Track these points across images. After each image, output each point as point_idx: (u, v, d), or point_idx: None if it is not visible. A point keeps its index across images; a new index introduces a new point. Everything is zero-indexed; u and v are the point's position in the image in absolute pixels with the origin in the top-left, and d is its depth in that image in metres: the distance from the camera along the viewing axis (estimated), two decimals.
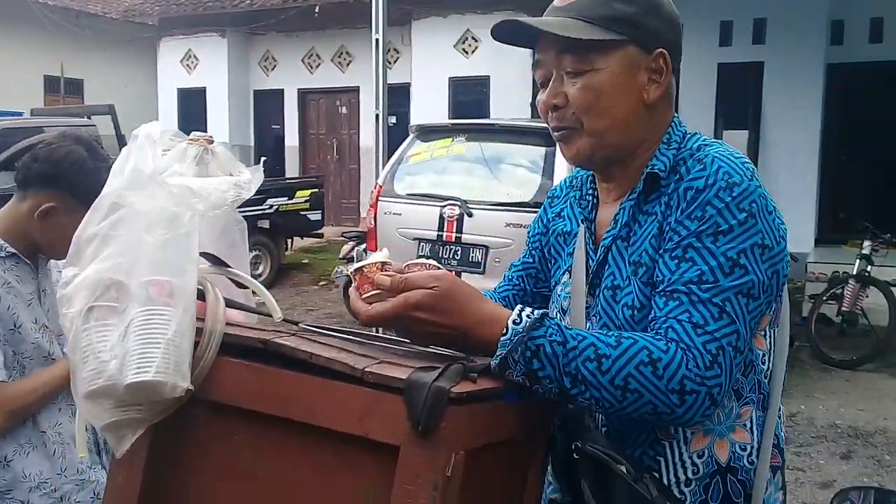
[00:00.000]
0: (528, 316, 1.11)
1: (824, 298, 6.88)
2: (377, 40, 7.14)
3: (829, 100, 9.84)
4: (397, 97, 11.41)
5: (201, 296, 1.07)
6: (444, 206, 5.41)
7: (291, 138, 14.97)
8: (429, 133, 5.97)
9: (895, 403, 5.61)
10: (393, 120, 10.43)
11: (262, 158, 1.46)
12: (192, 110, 15.53)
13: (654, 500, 1.12)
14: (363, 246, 6.78)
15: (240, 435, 1.07)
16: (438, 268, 1.16)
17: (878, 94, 9.91)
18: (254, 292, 1.26)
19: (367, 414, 0.97)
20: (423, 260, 1.17)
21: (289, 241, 10.12)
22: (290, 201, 9.43)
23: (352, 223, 13.74)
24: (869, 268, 6.78)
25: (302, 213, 9.79)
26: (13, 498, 1.75)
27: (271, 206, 9.13)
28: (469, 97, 12.56)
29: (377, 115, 7.12)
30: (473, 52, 12.58)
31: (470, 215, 5.31)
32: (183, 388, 0.98)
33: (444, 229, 5.40)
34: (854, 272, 6.80)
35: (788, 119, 9.73)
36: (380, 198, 5.81)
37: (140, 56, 16.65)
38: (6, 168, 7.69)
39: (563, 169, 5.18)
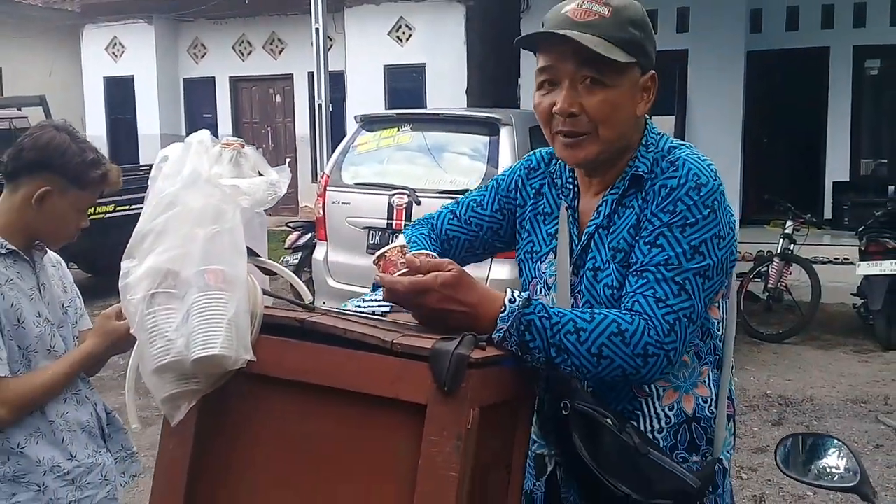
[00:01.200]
0: (519, 297, 1.30)
1: (751, 276, 7.29)
2: (317, 30, 7.19)
3: (750, 85, 10.34)
4: (332, 85, 11.41)
5: None
6: (393, 194, 5.53)
7: (225, 127, 14.78)
8: (374, 123, 6.08)
9: (820, 373, 6.00)
10: (329, 108, 10.48)
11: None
12: (121, 99, 15.18)
13: (636, 445, 1.34)
14: (310, 235, 6.85)
15: (279, 403, 1.21)
16: (436, 258, 1.32)
17: (795, 79, 10.49)
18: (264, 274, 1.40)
19: (398, 378, 1.13)
20: (425, 251, 1.34)
21: None
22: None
23: (290, 212, 13.70)
24: (792, 246, 7.21)
25: None
26: (29, 482, 1.83)
27: None
28: (404, 85, 12.67)
29: (319, 105, 7.19)
30: (408, 39, 12.69)
31: (418, 203, 5.45)
32: (245, 360, 1.12)
33: (394, 217, 5.52)
34: (778, 251, 7.22)
35: (712, 104, 10.19)
36: (327, 187, 5.90)
37: (63, 44, 16.09)
38: None
39: (506, 156, 5.38)
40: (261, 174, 1.26)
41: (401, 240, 1.31)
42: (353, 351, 1.16)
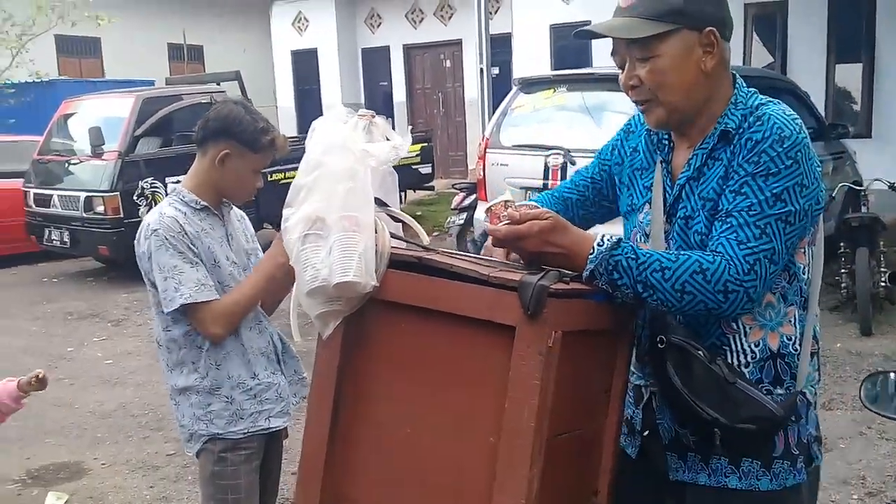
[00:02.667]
0: (608, 240, 1.50)
1: None
2: None
3: None
4: (499, 47, 11.61)
5: None
6: (549, 155, 5.74)
7: (399, 94, 15.47)
8: (531, 85, 6.28)
9: None
10: (496, 71, 10.68)
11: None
12: (305, 71, 16.24)
13: (725, 375, 1.52)
14: (474, 196, 7.20)
15: (401, 324, 1.52)
16: (539, 208, 1.55)
17: None
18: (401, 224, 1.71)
19: (494, 305, 1.40)
20: (528, 202, 1.57)
21: (402, 194, 10.68)
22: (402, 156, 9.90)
23: (460, 175, 14.18)
24: None
25: (413, 167, 10.32)
26: (220, 393, 2.29)
27: None
28: (570, 43, 12.61)
29: (481, 70, 7.45)
30: None
31: (573, 163, 5.62)
32: (372, 285, 1.44)
33: (549, 177, 5.73)
34: None
35: None
36: (487, 149, 6.20)
37: (254, 21, 17.45)
38: (153, 134, 8.55)
39: None
40: (388, 139, 1.56)
41: (506, 195, 1.55)
42: (458, 282, 1.43)
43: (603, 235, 1.51)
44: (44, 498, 3.92)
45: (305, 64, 16.22)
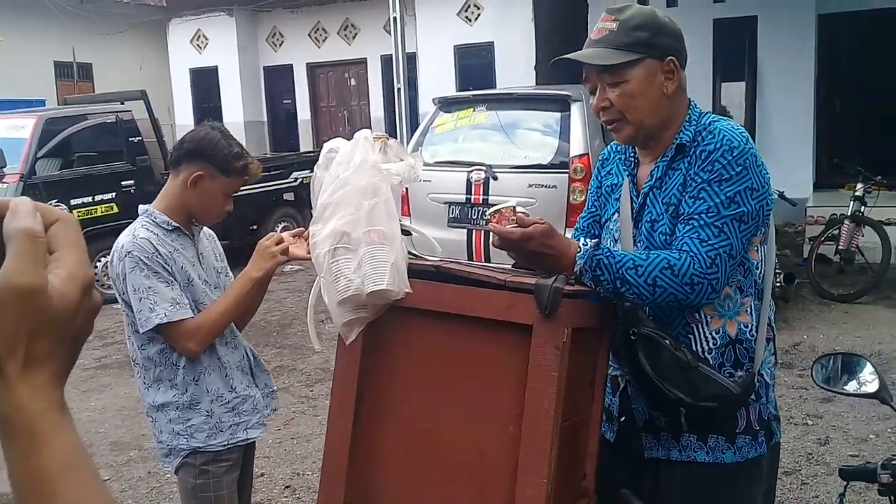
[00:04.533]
0: (590, 243, 1.71)
1: (822, 239, 7.42)
2: (395, 18, 7.60)
3: (822, 49, 10.29)
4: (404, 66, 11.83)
5: None
6: (471, 171, 5.93)
7: (303, 112, 15.41)
8: (450, 104, 6.48)
9: (889, 330, 6.15)
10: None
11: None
12: (206, 89, 15.94)
13: (688, 360, 1.72)
14: None
15: (422, 328, 1.65)
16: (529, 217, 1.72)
17: (869, 41, 10.36)
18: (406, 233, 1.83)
19: (510, 307, 1.55)
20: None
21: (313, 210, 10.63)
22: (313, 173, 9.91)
23: None
24: (862, 208, 7.31)
25: None
26: (200, 407, 2.32)
27: (296, 179, 9.60)
28: (474, 63, 12.99)
29: (399, 90, 7.61)
30: (476, 19, 12.99)
31: (495, 178, 5.84)
32: (405, 292, 1.56)
33: (472, 192, 5.93)
34: (848, 213, 7.33)
35: (783, 70, 10.20)
36: None
37: (150, 38, 16.94)
38: (53, 155, 8.22)
39: (577, 132, 5.72)
40: (402, 159, 1.69)
41: (512, 202, 1.71)
42: (476, 288, 1.58)
43: (585, 239, 1.72)
44: None
45: (205, 82, 15.93)
